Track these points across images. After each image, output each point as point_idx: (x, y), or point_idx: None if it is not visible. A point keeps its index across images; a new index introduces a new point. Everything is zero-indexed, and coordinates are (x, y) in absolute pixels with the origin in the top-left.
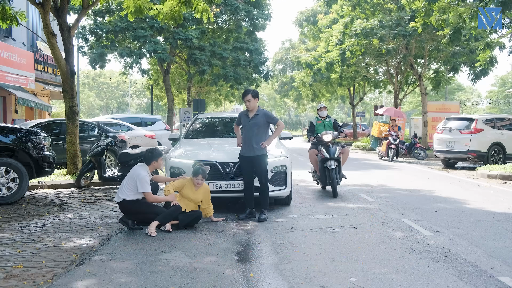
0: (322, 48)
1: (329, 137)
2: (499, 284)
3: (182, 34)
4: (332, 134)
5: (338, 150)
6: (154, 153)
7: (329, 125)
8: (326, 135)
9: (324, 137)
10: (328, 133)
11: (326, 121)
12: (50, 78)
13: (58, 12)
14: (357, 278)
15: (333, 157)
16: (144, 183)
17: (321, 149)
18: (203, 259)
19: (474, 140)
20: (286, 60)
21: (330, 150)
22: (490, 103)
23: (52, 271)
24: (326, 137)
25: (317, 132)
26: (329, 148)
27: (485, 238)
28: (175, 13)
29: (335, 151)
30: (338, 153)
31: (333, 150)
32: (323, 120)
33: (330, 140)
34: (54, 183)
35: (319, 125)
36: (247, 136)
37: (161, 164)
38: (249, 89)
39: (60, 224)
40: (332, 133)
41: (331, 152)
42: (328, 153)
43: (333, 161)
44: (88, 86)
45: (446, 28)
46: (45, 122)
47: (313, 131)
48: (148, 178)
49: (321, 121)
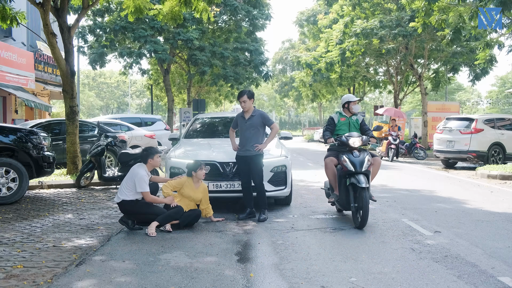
0: (322, 48)
1: (357, 141)
2: (499, 284)
3: (183, 34)
4: (361, 138)
5: (367, 161)
6: (150, 151)
7: (355, 125)
8: (353, 139)
9: (350, 141)
10: (356, 136)
11: (353, 120)
12: (50, 78)
13: (58, 12)
14: (357, 278)
15: (361, 171)
16: (142, 183)
17: (343, 158)
18: (203, 259)
19: (474, 140)
20: (286, 60)
21: (356, 160)
22: (490, 103)
23: (52, 271)
24: (353, 141)
25: (338, 133)
26: (355, 157)
27: (485, 238)
28: (175, 13)
29: (363, 162)
30: (368, 165)
31: (360, 160)
32: (349, 118)
33: (358, 146)
34: (54, 183)
35: (342, 124)
36: (244, 136)
37: (158, 162)
38: (245, 90)
39: (60, 224)
40: (361, 137)
41: (358, 162)
42: (354, 164)
43: (363, 177)
44: (88, 86)
45: (446, 28)
46: (45, 122)
47: (333, 131)
48: (146, 178)
49: (346, 119)
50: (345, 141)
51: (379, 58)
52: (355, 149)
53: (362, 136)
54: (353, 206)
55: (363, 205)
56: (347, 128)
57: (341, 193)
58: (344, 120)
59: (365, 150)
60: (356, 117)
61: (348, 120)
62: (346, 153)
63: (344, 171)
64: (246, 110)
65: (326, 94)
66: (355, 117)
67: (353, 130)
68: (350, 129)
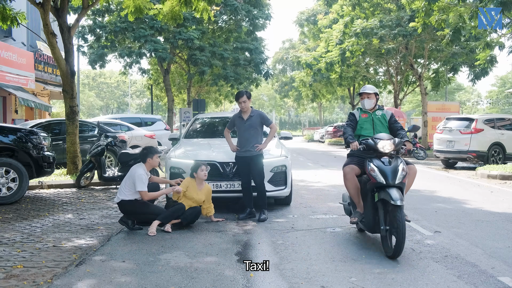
0: (322, 48)
1: (387, 145)
2: (499, 284)
3: (183, 34)
4: (392, 141)
5: (402, 170)
6: (149, 150)
7: (382, 122)
8: (383, 142)
9: (379, 145)
10: (386, 139)
11: (377, 115)
12: (50, 78)
13: (58, 12)
14: (357, 278)
15: (394, 183)
16: (139, 181)
17: (370, 167)
18: (203, 259)
19: (474, 140)
20: (286, 60)
21: (388, 169)
22: (490, 103)
23: (52, 271)
24: (383, 145)
25: (361, 133)
26: (386, 166)
27: (485, 238)
28: (175, 13)
29: (396, 172)
30: (403, 176)
31: (393, 169)
32: (371, 114)
33: (389, 152)
34: (54, 183)
35: (364, 121)
36: (243, 137)
37: (157, 162)
38: (243, 91)
39: (60, 224)
40: (392, 139)
41: (390, 172)
42: (385, 174)
43: (396, 191)
44: (88, 86)
45: (446, 28)
46: (45, 122)
47: (354, 130)
48: (144, 177)
49: (368, 115)
50: (373, 145)
51: (379, 58)
52: (386, 155)
53: (393, 139)
54: (383, 228)
55: (398, 228)
56: (370, 126)
57: (367, 211)
58: (366, 116)
59: (398, 156)
60: (382, 111)
61: (371, 116)
62: (375, 160)
63: (372, 184)
64: (245, 110)
65: (326, 94)
66: (380, 112)
67: (380, 128)
68: (375, 128)
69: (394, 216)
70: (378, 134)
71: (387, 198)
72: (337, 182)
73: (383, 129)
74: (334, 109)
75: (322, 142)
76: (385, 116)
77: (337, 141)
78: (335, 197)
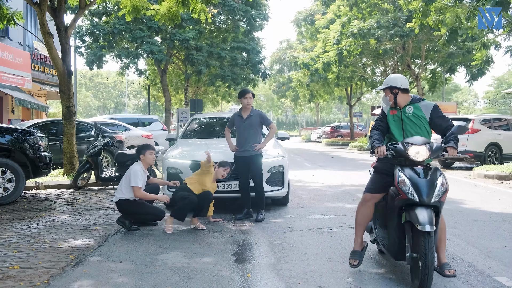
0: (320, 48)
1: (422, 151)
2: (496, 284)
3: (179, 35)
4: (428, 147)
5: (441, 186)
6: (141, 147)
7: (414, 120)
8: (415, 148)
9: (410, 151)
10: (420, 143)
11: (409, 112)
12: (47, 78)
13: (55, 12)
14: (354, 278)
15: (430, 202)
16: (134, 177)
17: (401, 178)
18: (200, 259)
19: (471, 140)
20: (283, 60)
21: (422, 182)
22: (487, 103)
23: (49, 272)
24: (415, 151)
25: (391, 136)
26: (421, 178)
27: (482, 238)
28: (172, 13)
29: (434, 186)
30: (442, 193)
31: (429, 183)
32: (401, 110)
33: (424, 160)
34: (51, 183)
35: (393, 121)
36: (242, 136)
37: (150, 159)
38: (247, 89)
39: (57, 225)
40: (428, 145)
41: (424, 187)
42: (418, 189)
43: (429, 212)
44: (85, 86)
45: (442, 29)
46: (41, 123)
47: (384, 132)
48: (139, 173)
49: (397, 112)
50: (402, 151)
51: (376, 58)
52: (421, 164)
53: (431, 144)
54: (409, 256)
55: (424, 259)
56: (399, 127)
57: (391, 233)
58: (394, 113)
59: (437, 168)
60: (414, 106)
61: (402, 113)
62: (407, 169)
63: (401, 200)
64: (248, 107)
65: (323, 94)
66: (411, 108)
67: (410, 132)
68: (406, 130)
69: (422, 243)
70: (410, 138)
71: (413, 220)
72: (334, 183)
73: (417, 131)
74: (331, 109)
75: (320, 143)
76: (420, 111)
77: (334, 141)
78: (332, 197)
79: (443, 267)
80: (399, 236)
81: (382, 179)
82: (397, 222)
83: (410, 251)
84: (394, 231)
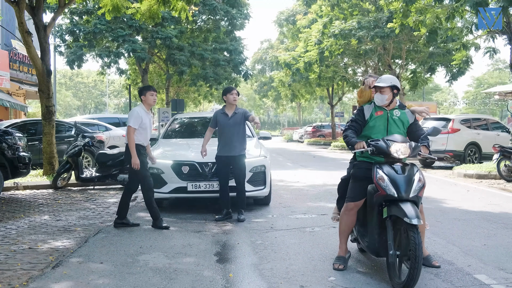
0: (301, 48)
1: (402, 149)
2: (476, 282)
3: (161, 33)
4: (409, 145)
5: (418, 181)
6: (142, 88)
7: (398, 124)
8: (397, 145)
9: (392, 148)
10: (400, 141)
11: (394, 116)
12: (25, 77)
13: (33, 10)
14: (336, 277)
15: (408, 196)
16: (131, 117)
17: (379, 175)
18: (182, 259)
19: (451, 139)
20: (265, 60)
21: (401, 178)
22: (466, 103)
23: (28, 274)
24: (396, 148)
25: (370, 135)
26: (399, 175)
27: (462, 236)
28: (153, 11)
29: (411, 182)
30: (420, 188)
31: (407, 179)
32: (388, 112)
33: (403, 158)
34: (30, 184)
35: (377, 120)
36: (227, 135)
37: (151, 99)
38: (232, 86)
39: (36, 226)
40: (408, 143)
41: (403, 183)
42: (396, 185)
43: (412, 207)
44: (65, 86)
45: (422, 29)
46: (20, 122)
47: (359, 131)
48: (136, 113)
49: (383, 112)
50: (384, 148)
51: (358, 58)
52: (399, 161)
53: (410, 142)
54: (392, 253)
55: (413, 253)
56: (383, 127)
57: (371, 230)
58: (381, 114)
59: (414, 164)
60: (401, 112)
61: (387, 114)
62: (385, 166)
63: (380, 196)
64: (235, 104)
65: (305, 94)
66: (398, 112)
67: (395, 130)
68: (389, 131)
69: (409, 238)
70: (391, 136)
71: (400, 214)
72: (316, 182)
73: (400, 132)
74: (313, 109)
75: (301, 142)
76: (406, 118)
77: (316, 141)
78: (314, 197)
79: (429, 259)
80: (379, 232)
81: (361, 186)
82: (377, 219)
83: (392, 248)
84: (373, 228)
